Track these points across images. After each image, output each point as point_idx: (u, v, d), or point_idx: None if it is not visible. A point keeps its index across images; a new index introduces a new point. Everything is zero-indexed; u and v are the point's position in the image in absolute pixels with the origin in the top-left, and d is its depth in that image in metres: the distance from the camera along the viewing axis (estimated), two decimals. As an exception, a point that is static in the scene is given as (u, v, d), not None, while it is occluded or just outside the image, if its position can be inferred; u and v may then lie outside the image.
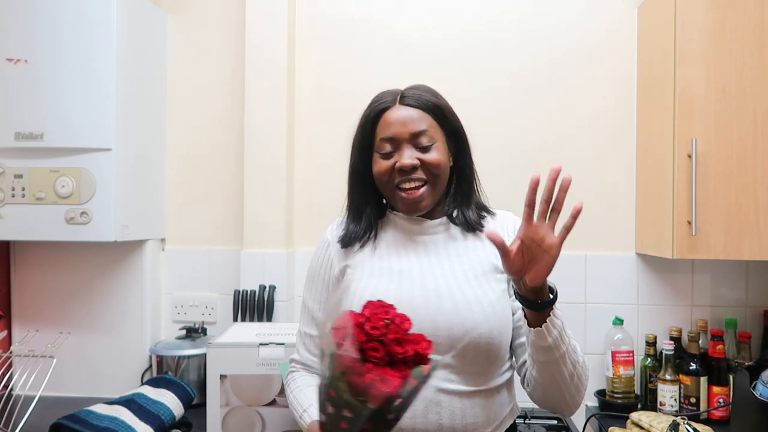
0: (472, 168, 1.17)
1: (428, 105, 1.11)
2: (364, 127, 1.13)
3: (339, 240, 1.18)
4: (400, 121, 1.09)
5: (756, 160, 1.48)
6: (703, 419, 1.58)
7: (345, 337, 0.78)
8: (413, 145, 1.09)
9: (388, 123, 1.10)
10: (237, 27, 1.91)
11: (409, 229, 1.15)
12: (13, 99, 1.63)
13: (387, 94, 1.14)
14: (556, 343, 0.96)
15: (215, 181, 1.94)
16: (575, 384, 1.01)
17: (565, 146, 1.83)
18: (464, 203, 1.16)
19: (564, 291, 1.73)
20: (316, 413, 0.95)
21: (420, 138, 1.08)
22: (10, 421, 1.45)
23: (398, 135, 1.08)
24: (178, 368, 1.71)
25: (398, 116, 1.09)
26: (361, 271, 1.12)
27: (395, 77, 1.84)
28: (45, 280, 1.86)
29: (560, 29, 1.84)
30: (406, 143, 1.08)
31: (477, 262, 1.10)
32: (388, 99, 1.12)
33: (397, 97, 1.12)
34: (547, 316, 0.95)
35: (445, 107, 1.14)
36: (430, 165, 1.08)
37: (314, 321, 1.17)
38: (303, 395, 1.10)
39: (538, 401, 1.07)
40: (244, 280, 1.83)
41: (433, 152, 1.09)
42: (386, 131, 1.09)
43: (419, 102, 1.10)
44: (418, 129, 1.08)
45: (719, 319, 1.74)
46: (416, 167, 1.08)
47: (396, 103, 1.11)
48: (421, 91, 1.13)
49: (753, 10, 1.49)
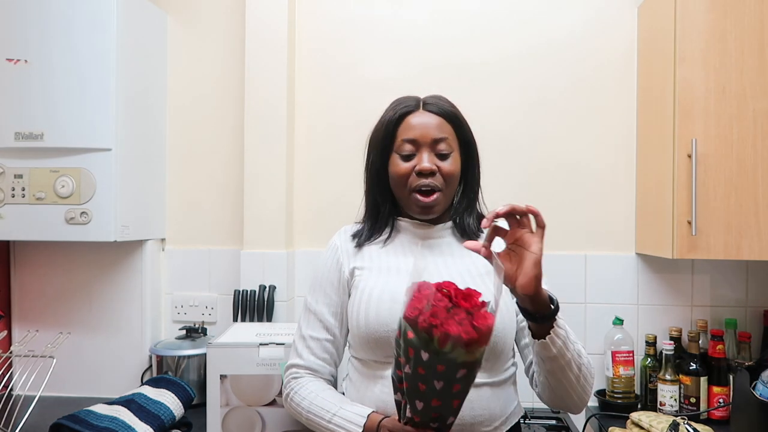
0: (478, 179, 1.22)
1: (449, 114, 1.15)
2: (386, 127, 1.16)
3: (355, 237, 1.21)
4: (423, 125, 1.13)
5: (756, 160, 1.49)
6: (703, 419, 1.58)
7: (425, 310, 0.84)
8: (432, 150, 1.13)
9: (410, 126, 1.14)
10: (237, 27, 1.91)
11: (417, 233, 1.20)
12: (13, 99, 1.63)
13: (409, 99, 1.18)
14: (561, 352, 0.99)
15: (215, 181, 1.94)
16: (581, 384, 1.04)
17: (565, 146, 1.83)
18: (467, 211, 1.21)
19: (564, 291, 1.76)
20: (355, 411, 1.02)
21: (440, 144, 1.13)
22: (10, 421, 1.45)
23: (420, 138, 1.13)
24: (178, 368, 1.71)
25: (421, 121, 1.14)
26: (369, 272, 1.16)
27: (395, 77, 1.87)
28: (45, 280, 1.86)
29: (560, 29, 1.83)
30: (426, 147, 1.13)
31: (481, 263, 1.14)
32: (411, 104, 1.16)
33: (419, 102, 1.17)
34: (551, 328, 0.97)
35: (462, 119, 1.18)
36: (446, 174, 1.13)
37: (323, 325, 1.18)
38: (324, 400, 1.10)
39: (547, 402, 1.11)
40: (244, 280, 1.83)
41: (450, 161, 1.14)
42: (409, 133, 1.13)
43: (441, 110, 1.15)
44: (440, 136, 1.13)
45: (719, 319, 1.74)
46: (434, 172, 1.12)
47: (419, 108, 1.16)
48: (442, 101, 1.18)
49: (753, 10, 1.49)
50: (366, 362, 1.13)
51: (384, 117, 1.18)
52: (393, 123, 1.15)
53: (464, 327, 0.82)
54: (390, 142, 1.16)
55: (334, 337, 1.19)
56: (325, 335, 1.18)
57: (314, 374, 1.17)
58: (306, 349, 1.18)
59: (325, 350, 1.18)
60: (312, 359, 1.17)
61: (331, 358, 1.19)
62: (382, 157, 1.17)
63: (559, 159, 1.83)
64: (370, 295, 1.11)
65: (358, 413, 1.05)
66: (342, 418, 1.05)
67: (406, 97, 1.19)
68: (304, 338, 1.19)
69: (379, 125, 1.19)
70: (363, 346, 1.12)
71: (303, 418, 1.12)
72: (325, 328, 1.18)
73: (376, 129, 1.20)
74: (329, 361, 1.19)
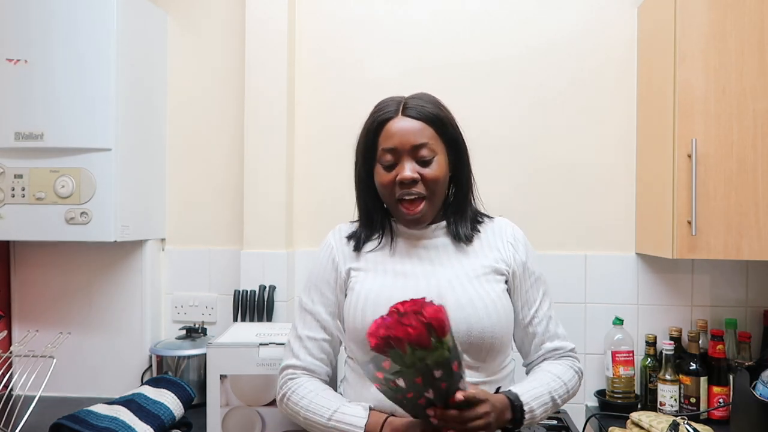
0: (469, 178, 1.20)
1: (430, 117, 1.12)
2: (366, 136, 1.15)
3: (351, 239, 1.20)
4: (402, 132, 1.10)
5: (756, 160, 1.48)
6: (703, 419, 1.58)
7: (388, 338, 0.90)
8: (414, 157, 1.10)
9: (390, 134, 1.11)
10: (237, 27, 1.91)
11: (411, 234, 1.18)
12: (13, 99, 1.62)
13: (390, 102, 1.15)
14: (548, 411, 1.09)
15: (215, 180, 1.94)
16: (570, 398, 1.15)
17: (565, 146, 1.83)
18: (459, 212, 1.19)
19: (564, 291, 1.76)
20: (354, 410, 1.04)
21: (420, 151, 1.10)
22: (10, 421, 1.44)
23: (400, 146, 1.10)
24: (178, 368, 1.71)
25: (400, 127, 1.11)
26: (366, 274, 1.15)
27: (395, 76, 1.86)
28: (45, 280, 1.86)
29: (560, 29, 1.83)
30: (406, 155, 1.10)
31: (478, 264, 1.14)
32: (391, 109, 1.13)
33: (400, 106, 1.13)
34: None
35: (446, 118, 1.15)
36: (429, 180, 1.10)
37: (320, 324, 1.17)
38: (324, 398, 1.09)
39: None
40: (244, 280, 1.83)
41: (433, 166, 1.11)
42: (388, 142, 1.11)
43: (421, 114, 1.12)
44: (419, 142, 1.10)
45: (719, 319, 1.74)
46: (416, 180, 1.10)
47: (399, 113, 1.13)
48: (423, 102, 1.14)
49: (753, 10, 1.49)
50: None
51: (365, 125, 1.16)
52: (373, 132, 1.13)
53: (412, 325, 0.87)
54: (372, 152, 1.14)
55: (331, 337, 1.18)
56: (322, 335, 1.17)
57: (311, 375, 1.16)
58: (303, 350, 1.17)
59: (323, 350, 1.17)
60: (309, 359, 1.16)
61: (328, 358, 1.19)
62: (366, 166, 1.16)
63: (559, 159, 1.83)
64: (367, 298, 1.11)
65: (358, 413, 1.04)
66: (343, 414, 1.04)
67: (388, 99, 1.16)
68: (300, 338, 1.18)
69: (361, 133, 1.17)
70: (359, 348, 1.11)
71: (301, 418, 1.10)
72: (323, 328, 1.17)
73: (359, 137, 1.18)
74: (326, 361, 1.18)
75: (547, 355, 1.18)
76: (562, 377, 1.12)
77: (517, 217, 1.32)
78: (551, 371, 1.14)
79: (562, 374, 1.13)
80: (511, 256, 1.17)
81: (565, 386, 1.12)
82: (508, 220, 1.24)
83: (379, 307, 1.07)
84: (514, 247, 1.19)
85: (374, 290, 1.11)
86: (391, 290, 1.09)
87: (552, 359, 1.18)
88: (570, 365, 1.17)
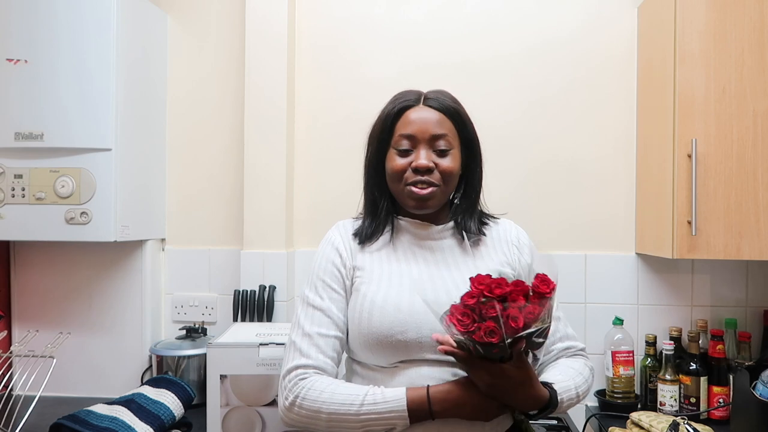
0: (480, 178, 1.20)
1: (450, 110, 1.12)
2: (384, 121, 1.14)
3: (356, 236, 1.18)
4: (422, 120, 1.10)
5: (756, 160, 1.49)
6: (703, 419, 1.58)
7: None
8: (431, 147, 1.10)
9: (409, 121, 1.11)
10: (237, 27, 1.91)
11: (417, 234, 1.17)
12: (13, 99, 1.62)
13: (410, 93, 1.15)
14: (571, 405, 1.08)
15: (215, 180, 1.94)
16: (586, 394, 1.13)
17: (565, 145, 1.83)
18: (468, 211, 1.18)
19: (564, 291, 1.76)
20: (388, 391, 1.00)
21: (439, 141, 1.10)
22: (10, 421, 1.44)
23: (418, 134, 1.10)
24: (178, 368, 1.71)
25: (420, 116, 1.11)
26: (371, 275, 1.12)
27: (395, 75, 1.86)
28: (45, 280, 1.86)
29: (560, 28, 1.83)
30: (424, 144, 1.10)
31: (484, 267, 1.12)
32: (412, 98, 1.14)
33: (420, 97, 1.14)
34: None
35: (465, 116, 1.15)
36: (444, 171, 1.10)
37: (332, 321, 1.10)
38: (347, 387, 1.03)
39: None
40: (244, 280, 1.83)
41: (449, 158, 1.11)
42: (407, 128, 1.11)
43: (442, 106, 1.12)
44: (439, 132, 1.10)
45: (719, 319, 1.74)
46: (431, 169, 1.09)
47: (420, 103, 1.13)
48: (444, 96, 1.15)
49: (753, 10, 1.49)
50: (366, 365, 1.11)
51: (383, 111, 1.16)
52: (391, 117, 1.13)
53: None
54: (388, 137, 1.13)
55: (343, 334, 1.11)
56: (335, 332, 1.10)
57: (323, 374, 1.06)
58: (313, 347, 1.07)
59: (334, 348, 1.09)
60: (321, 358, 1.07)
61: (338, 357, 1.11)
62: (379, 151, 1.15)
63: (558, 158, 1.83)
64: (373, 302, 1.08)
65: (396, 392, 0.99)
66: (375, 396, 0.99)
67: (407, 90, 1.16)
68: (309, 336, 1.08)
69: (378, 119, 1.17)
70: (364, 352, 1.09)
71: (323, 416, 1.00)
72: (335, 325, 1.10)
73: (375, 122, 1.17)
74: (336, 360, 1.10)
75: (559, 354, 1.17)
76: (583, 374, 1.12)
77: (517, 216, 1.32)
78: (573, 367, 1.12)
79: (582, 371, 1.12)
80: (516, 260, 1.17)
81: (586, 383, 1.11)
82: (512, 222, 1.24)
83: (386, 315, 1.05)
84: (519, 250, 1.18)
85: (380, 295, 1.08)
86: (397, 296, 1.07)
87: (565, 357, 1.17)
88: (585, 363, 1.16)
